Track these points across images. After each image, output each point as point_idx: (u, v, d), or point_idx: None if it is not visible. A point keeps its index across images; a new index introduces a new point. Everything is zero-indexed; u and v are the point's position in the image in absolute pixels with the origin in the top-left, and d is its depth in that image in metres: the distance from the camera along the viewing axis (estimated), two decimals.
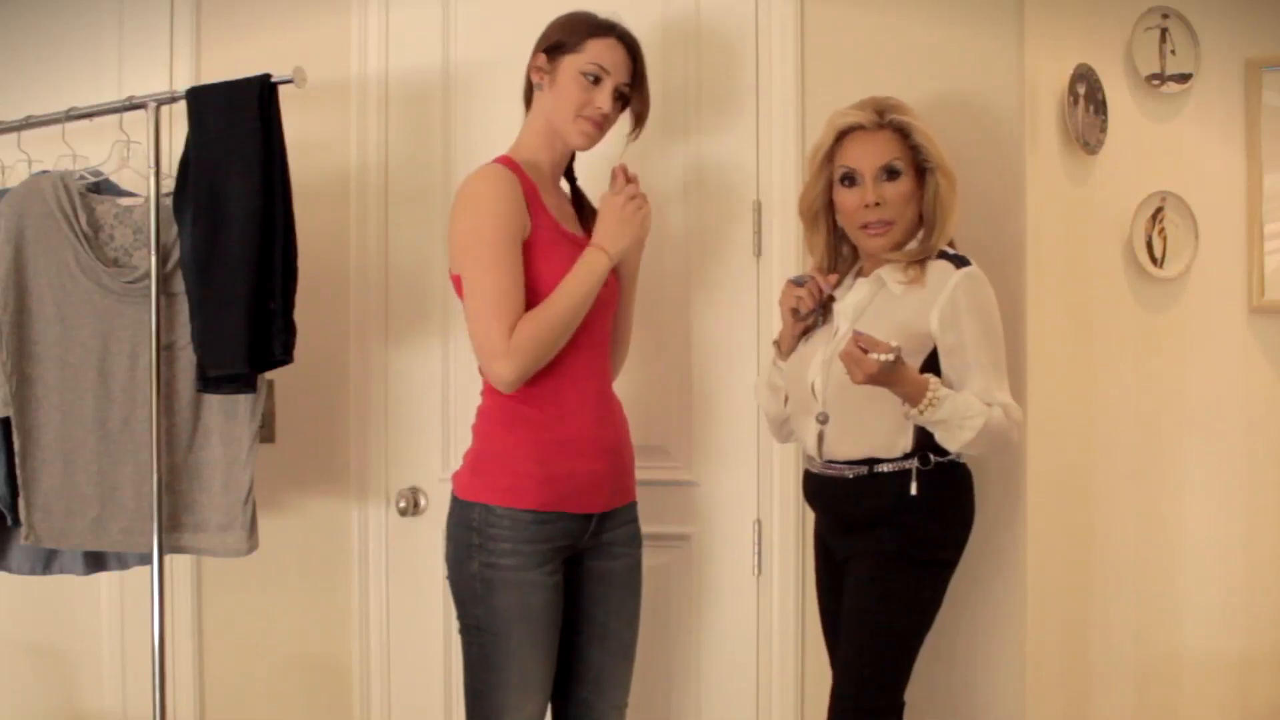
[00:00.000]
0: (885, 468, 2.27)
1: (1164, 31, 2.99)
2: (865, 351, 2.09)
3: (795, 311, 2.39)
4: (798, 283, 2.38)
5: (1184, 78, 3.00)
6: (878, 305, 2.33)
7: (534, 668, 2.31)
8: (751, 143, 2.73)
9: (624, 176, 2.41)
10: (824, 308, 2.41)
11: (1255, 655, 3.05)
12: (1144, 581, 3.01)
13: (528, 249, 2.29)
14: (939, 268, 2.28)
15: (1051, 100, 2.74)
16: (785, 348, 2.44)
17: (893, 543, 2.26)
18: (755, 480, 2.74)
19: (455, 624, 2.37)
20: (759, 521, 2.74)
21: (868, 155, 2.32)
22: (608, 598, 2.42)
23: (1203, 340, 3.05)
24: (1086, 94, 2.82)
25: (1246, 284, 3.04)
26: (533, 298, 2.28)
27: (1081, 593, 2.92)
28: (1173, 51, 2.99)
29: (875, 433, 2.28)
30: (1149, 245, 2.99)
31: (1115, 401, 2.98)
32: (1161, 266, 3.00)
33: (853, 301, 2.36)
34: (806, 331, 2.42)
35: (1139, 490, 3.01)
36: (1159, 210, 2.99)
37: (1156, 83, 2.99)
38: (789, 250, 2.69)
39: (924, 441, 2.25)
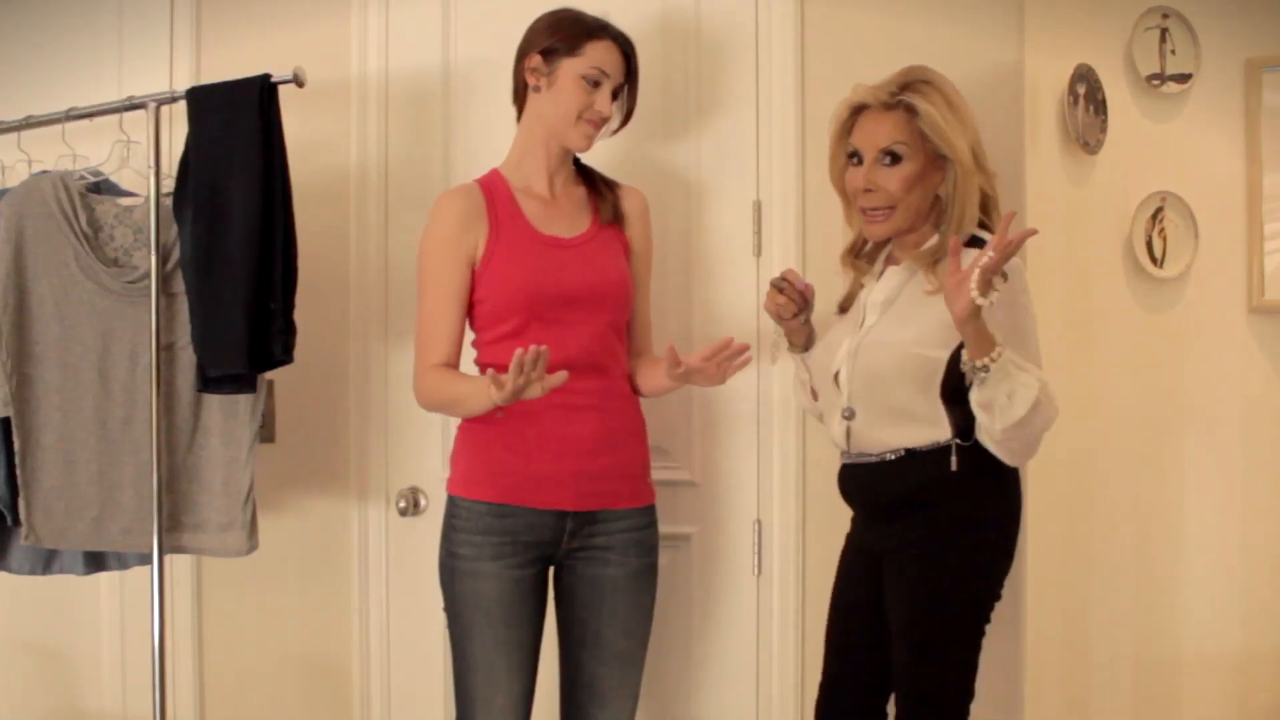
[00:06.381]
0: (923, 448, 2.17)
1: (1164, 31, 2.98)
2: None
3: (780, 316, 2.32)
4: (777, 286, 2.30)
5: (1184, 78, 2.99)
6: (908, 295, 2.24)
7: (498, 660, 2.33)
8: (751, 143, 2.73)
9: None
10: (808, 305, 2.31)
11: (1255, 654, 3.05)
12: (1144, 581, 3.01)
13: (488, 258, 2.35)
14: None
15: (1051, 100, 2.74)
16: (795, 343, 2.38)
17: (935, 529, 2.15)
18: (755, 480, 2.74)
19: None
20: (759, 521, 2.74)
21: (870, 136, 2.23)
22: (600, 605, 2.40)
23: (1203, 340, 3.05)
24: (1086, 94, 2.82)
25: (1246, 284, 3.04)
26: (491, 304, 2.35)
27: (1081, 592, 2.92)
28: (1173, 51, 2.99)
29: (908, 426, 2.18)
30: (1149, 245, 2.99)
31: (1115, 401, 2.98)
32: (1161, 266, 3.00)
33: (882, 292, 2.27)
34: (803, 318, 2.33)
35: (1139, 489, 3.01)
36: (1159, 210, 2.99)
37: (1156, 83, 2.98)
38: (789, 250, 2.69)
39: (963, 432, 2.14)
